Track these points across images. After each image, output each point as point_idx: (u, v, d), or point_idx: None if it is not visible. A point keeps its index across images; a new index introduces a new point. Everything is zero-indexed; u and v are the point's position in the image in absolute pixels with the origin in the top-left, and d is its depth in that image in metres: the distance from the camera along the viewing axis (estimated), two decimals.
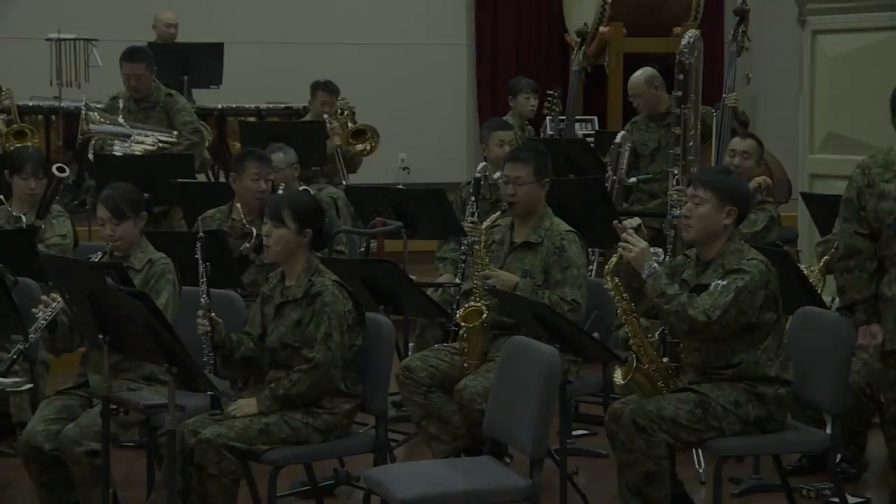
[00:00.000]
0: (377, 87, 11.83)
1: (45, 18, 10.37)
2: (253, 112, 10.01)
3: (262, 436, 4.56)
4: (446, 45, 12.40)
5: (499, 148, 6.96)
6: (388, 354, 4.82)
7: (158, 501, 4.57)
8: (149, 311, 4.09)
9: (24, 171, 6.47)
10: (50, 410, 4.91)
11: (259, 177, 6.23)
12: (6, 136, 8.84)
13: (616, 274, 4.67)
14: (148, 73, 8.01)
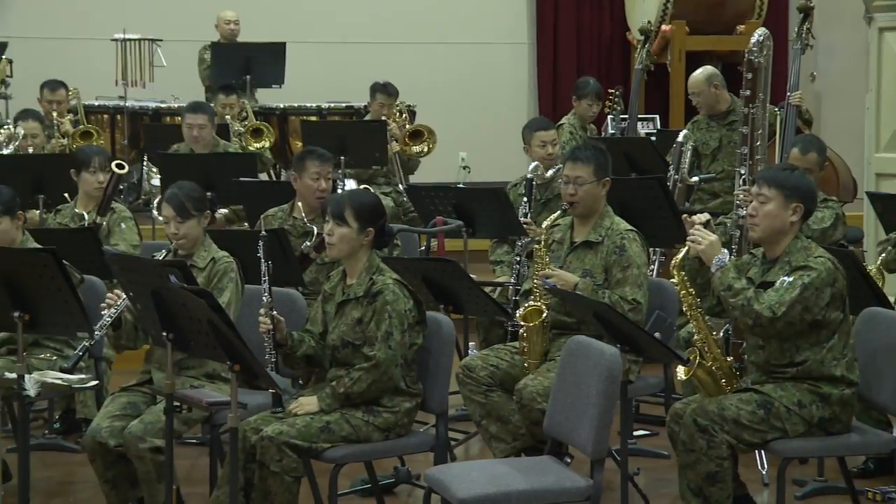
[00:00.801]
0: (438, 87, 11.85)
1: (111, 19, 10.50)
2: (314, 111, 10.06)
3: (323, 434, 4.58)
4: (507, 44, 12.39)
5: (541, 149, 6.94)
6: (449, 353, 4.82)
7: (221, 498, 4.60)
8: (212, 309, 4.12)
9: (92, 165, 6.57)
10: (115, 407, 4.97)
11: (319, 175, 6.26)
12: (73, 136, 8.95)
13: (682, 268, 4.64)
14: (210, 126, 8.09)
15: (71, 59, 10.77)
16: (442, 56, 12.14)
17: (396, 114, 9.29)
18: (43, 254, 4.62)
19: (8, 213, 5.39)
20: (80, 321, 4.70)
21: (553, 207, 6.81)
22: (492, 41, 12.28)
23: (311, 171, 6.25)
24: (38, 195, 7.19)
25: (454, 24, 12.24)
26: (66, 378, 4.97)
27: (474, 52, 12.23)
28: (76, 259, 5.46)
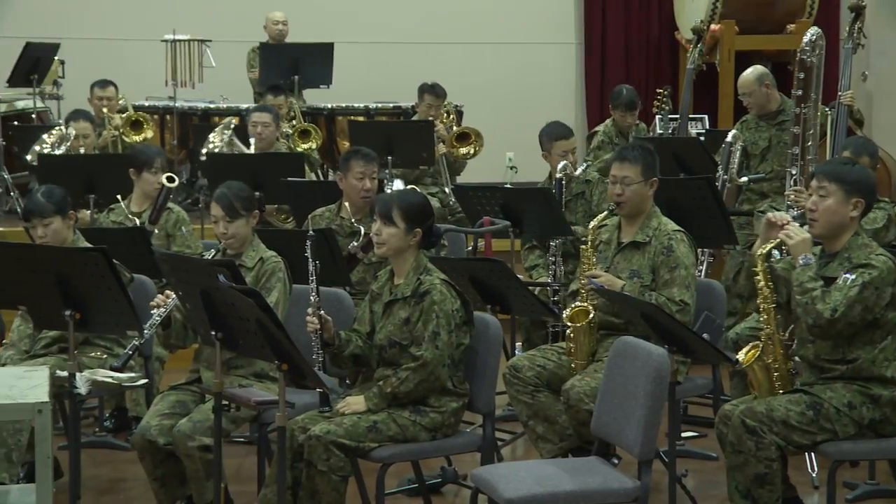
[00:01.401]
0: (485, 87, 11.86)
1: (161, 20, 10.58)
2: (362, 111, 10.09)
3: (370, 433, 4.59)
4: (555, 44, 12.36)
5: (562, 157, 6.87)
6: (496, 353, 4.81)
7: (269, 497, 4.62)
8: (260, 309, 4.14)
9: (154, 165, 6.64)
10: (164, 405, 5.01)
11: (364, 175, 6.28)
12: (123, 125, 9.01)
13: (766, 259, 4.61)
14: (274, 125, 8.24)
15: (121, 59, 10.87)
16: (489, 56, 12.15)
17: (444, 115, 9.30)
18: (94, 253, 4.66)
19: (60, 212, 5.45)
20: (130, 320, 4.73)
21: (574, 208, 6.81)
22: (539, 41, 12.26)
23: (356, 170, 6.27)
24: (89, 195, 7.27)
25: (502, 25, 12.24)
26: (116, 376, 5.02)
27: (522, 52, 12.22)
28: (126, 258, 5.51)
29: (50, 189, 5.54)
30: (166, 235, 6.65)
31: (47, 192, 5.50)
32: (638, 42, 12.33)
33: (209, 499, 4.82)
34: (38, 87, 10.21)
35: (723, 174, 7.29)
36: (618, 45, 12.30)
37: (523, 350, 6.40)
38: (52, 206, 5.43)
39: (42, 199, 5.44)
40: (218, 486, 4.65)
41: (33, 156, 7.98)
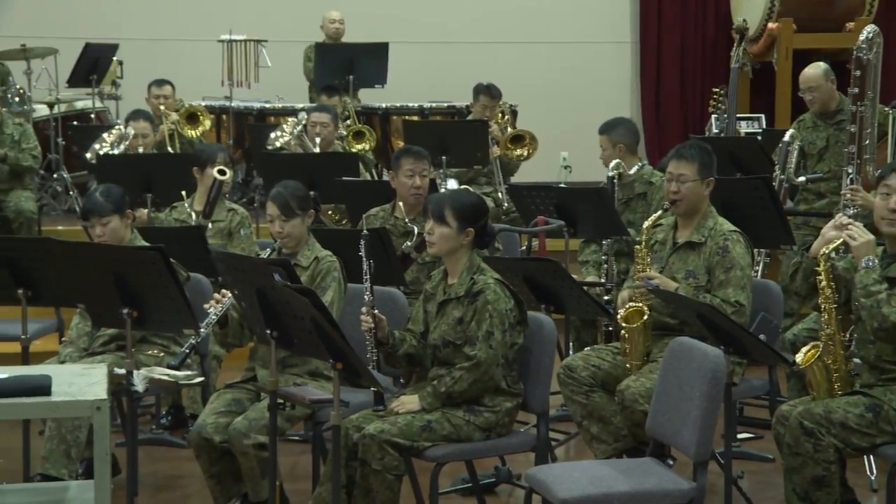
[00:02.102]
0: (540, 86, 11.84)
1: (218, 20, 10.66)
2: (416, 111, 10.10)
3: (424, 432, 4.59)
4: (611, 43, 12.32)
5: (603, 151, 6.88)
6: (550, 353, 4.80)
7: (323, 495, 4.64)
8: (315, 308, 4.16)
9: (217, 160, 6.67)
10: (220, 403, 5.04)
11: (413, 173, 6.29)
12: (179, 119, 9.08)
13: (828, 259, 4.56)
14: (333, 126, 8.34)
15: (178, 60, 10.97)
16: (544, 55, 12.12)
17: (499, 115, 9.29)
18: (151, 252, 4.69)
19: (118, 211, 5.49)
20: (187, 318, 4.77)
21: (634, 207, 6.77)
22: (595, 40, 12.22)
23: (406, 168, 6.29)
24: (147, 194, 7.33)
25: (557, 24, 12.21)
26: (172, 374, 5.05)
27: (577, 51, 12.18)
28: (183, 257, 5.55)
29: (108, 188, 5.59)
30: (228, 233, 6.69)
31: (106, 191, 5.55)
32: (694, 41, 12.26)
33: (264, 496, 4.84)
34: (97, 87, 10.32)
35: (780, 174, 7.22)
36: (673, 44, 12.23)
37: (574, 349, 6.38)
38: (110, 205, 5.47)
39: (101, 199, 5.48)
40: (273, 484, 4.67)
41: (92, 155, 8.06)
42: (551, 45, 12.14)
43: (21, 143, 8.73)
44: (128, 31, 11.22)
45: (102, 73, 10.41)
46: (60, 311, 6.64)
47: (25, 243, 5.55)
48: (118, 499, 3.99)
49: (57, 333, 6.65)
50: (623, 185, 6.72)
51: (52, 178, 9.91)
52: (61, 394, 3.74)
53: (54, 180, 9.93)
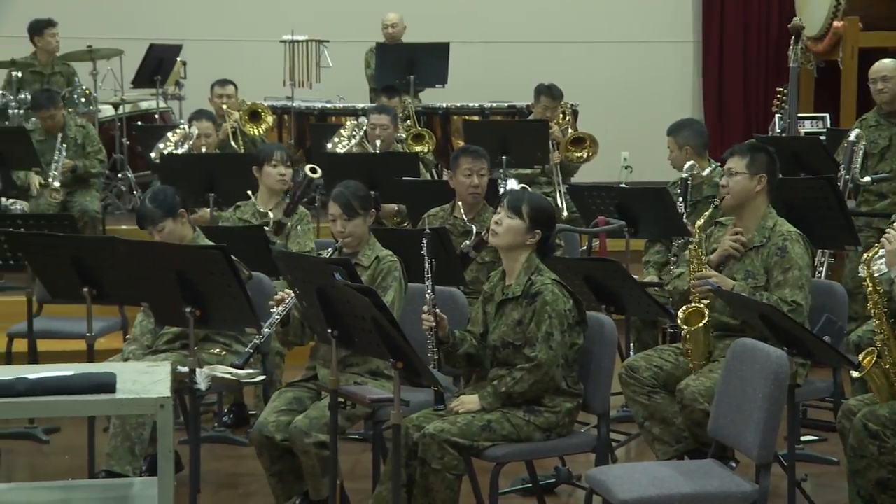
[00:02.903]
0: (601, 86, 11.80)
1: (280, 21, 10.72)
2: (477, 111, 10.10)
3: (484, 432, 4.59)
4: (673, 42, 12.25)
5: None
6: (611, 354, 4.78)
7: (383, 494, 4.65)
8: (375, 307, 4.17)
9: (274, 158, 6.71)
10: (281, 402, 5.07)
11: (472, 172, 6.30)
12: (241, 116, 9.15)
13: (869, 264, 4.51)
14: (393, 126, 8.42)
15: (241, 60, 11.05)
16: (606, 55, 12.08)
17: (560, 115, 9.27)
18: (213, 251, 4.73)
19: (169, 214, 5.48)
20: (249, 317, 4.80)
21: (702, 210, 6.71)
22: (657, 40, 12.16)
23: (464, 167, 6.31)
24: (209, 193, 7.39)
25: (619, 23, 12.17)
26: (234, 373, 5.08)
27: (639, 50, 12.13)
28: (245, 256, 5.58)
29: (155, 193, 5.56)
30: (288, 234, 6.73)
31: (154, 196, 5.52)
32: (757, 39, 12.15)
33: (325, 495, 4.86)
34: (161, 87, 10.43)
35: (845, 173, 7.13)
36: (736, 43, 12.13)
37: (634, 350, 6.35)
38: (160, 211, 5.46)
39: (150, 206, 5.47)
40: (333, 482, 4.69)
41: (157, 154, 8.14)
42: (613, 44, 12.09)
43: (85, 146, 8.81)
44: (192, 31, 11.32)
45: (166, 73, 10.52)
46: (124, 310, 6.72)
47: (91, 242, 5.62)
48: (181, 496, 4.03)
49: (121, 332, 6.73)
50: (692, 188, 6.67)
51: (116, 177, 10.02)
52: (126, 391, 3.77)
53: (119, 180, 10.04)
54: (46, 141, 8.71)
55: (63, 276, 5.38)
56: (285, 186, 6.82)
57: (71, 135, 8.78)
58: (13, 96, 9.86)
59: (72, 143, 8.77)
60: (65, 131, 8.74)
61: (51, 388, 3.73)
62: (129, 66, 10.45)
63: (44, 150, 8.63)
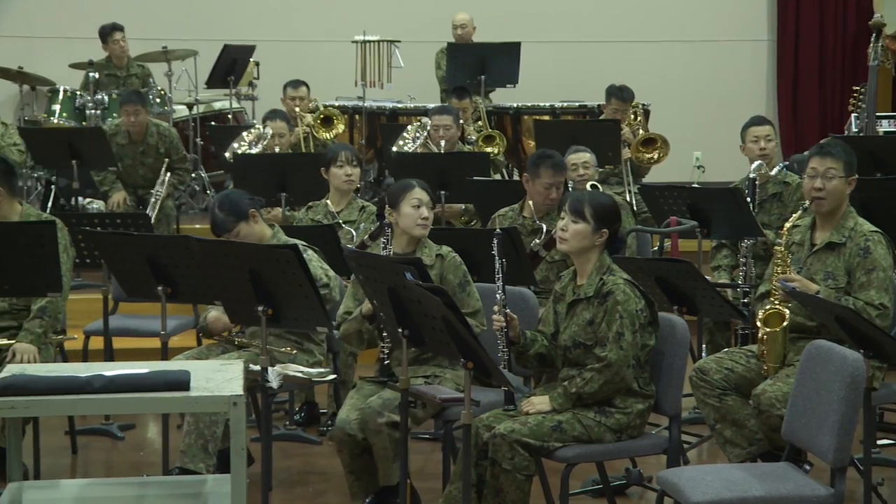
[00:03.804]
0: (673, 85, 11.72)
1: (352, 21, 10.77)
2: (548, 111, 10.06)
3: (555, 433, 4.58)
4: (747, 41, 12.14)
5: (754, 144, 6.78)
6: (683, 355, 4.74)
7: (453, 494, 4.65)
8: (446, 307, 4.17)
9: (339, 159, 6.75)
10: (359, 398, 5.09)
11: (552, 185, 6.30)
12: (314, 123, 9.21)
13: None
14: (455, 127, 8.45)
15: (313, 60, 11.12)
16: (678, 54, 11.99)
17: (631, 116, 9.22)
18: (284, 250, 4.76)
19: (241, 218, 5.48)
20: (320, 316, 4.82)
21: (768, 209, 6.65)
22: (731, 38, 12.05)
23: (545, 180, 6.30)
24: (281, 193, 7.44)
25: (692, 22, 12.07)
26: (306, 371, 5.11)
27: (712, 49, 12.03)
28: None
29: (222, 201, 5.55)
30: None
31: (221, 204, 5.52)
32: (833, 38, 11.99)
33: (394, 481, 4.89)
34: (235, 88, 10.52)
35: None
36: (812, 42, 11.98)
37: (707, 352, 6.29)
38: (231, 217, 5.47)
39: (221, 215, 5.47)
40: (404, 481, 4.70)
41: (231, 154, 8.21)
42: (686, 43, 12.00)
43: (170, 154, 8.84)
44: (265, 32, 11.41)
45: (240, 74, 10.61)
46: (198, 308, 6.78)
47: (165, 241, 5.67)
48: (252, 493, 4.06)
49: (194, 329, 6.79)
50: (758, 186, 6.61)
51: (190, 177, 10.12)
52: (199, 389, 3.81)
53: (192, 179, 10.14)
54: (128, 146, 8.77)
55: (138, 275, 5.44)
56: (352, 187, 6.85)
57: (152, 143, 8.82)
58: (90, 97, 10.00)
59: (153, 150, 8.83)
60: (146, 139, 8.77)
61: (127, 385, 3.78)
62: (203, 66, 10.56)
63: (122, 155, 8.72)
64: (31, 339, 5.52)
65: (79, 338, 6.48)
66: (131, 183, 8.85)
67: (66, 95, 10.16)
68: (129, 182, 8.84)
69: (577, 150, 7.20)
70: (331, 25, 11.45)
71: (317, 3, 11.88)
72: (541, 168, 6.31)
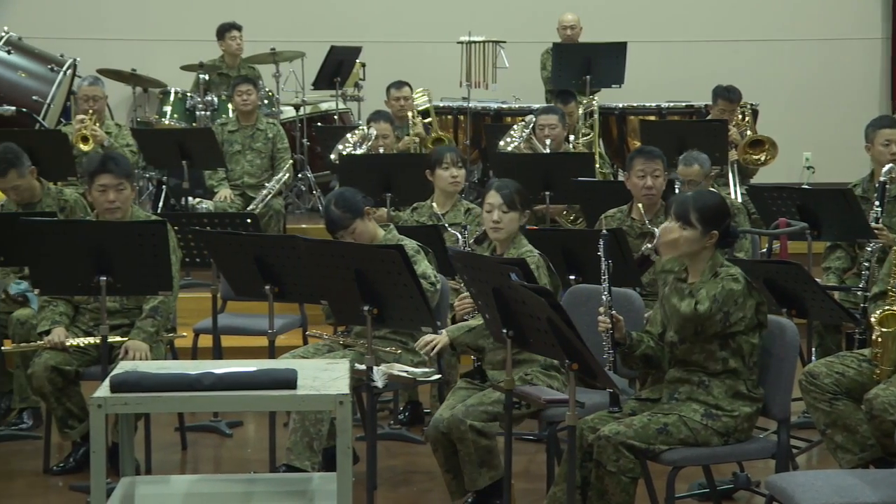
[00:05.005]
0: (782, 85, 11.55)
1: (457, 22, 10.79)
2: (654, 111, 9.98)
3: (660, 435, 4.53)
4: (859, 39, 11.91)
5: (884, 147, 6.62)
6: (792, 359, 4.67)
7: (558, 495, 4.63)
8: (551, 308, 4.16)
9: (445, 160, 6.76)
10: (456, 399, 5.11)
11: (645, 173, 6.27)
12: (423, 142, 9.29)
13: None
14: (561, 126, 8.46)
15: (418, 61, 11.17)
16: (788, 53, 11.81)
17: (738, 116, 9.10)
18: (390, 250, 4.78)
19: (357, 216, 5.53)
20: (425, 316, 4.84)
21: (891, 210, 6.50)
22: (842, 37, 11.84)
23: (637, 168, 6.30)
24: (386, 193, 7.49)
25: (802, 20, 11.89)
26: (410, 371, 5.14)
27: (823, 48, 11.82)
28: None
29: (339, 197, 5.58)
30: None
31: (339, 201, 5.55)
32: None
33: (480, 485, 4.92)
34: (341, 89, 10.61)
35: None
36: None
37: (817, 355, 6.18)
38: (349, 215, 5.51)
39: (338, 212, 5.51)
40: (508, 483, 4.70)
41: (336, 155, 8.29)
42: (795, 42, 11.81)
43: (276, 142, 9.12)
44: (371, 33, 11.49)
45: (346, 75, 10.70)
46: (304, 307, 6.86)
47: (273, 241, 5.74)
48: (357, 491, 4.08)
49: (300, 328, 6.87)
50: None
51: (296, 177, 10.23)
52: (306, 388, 3.85)
53: (299, 180, 10.25)
54: (237, 133, 9.08)
55: (246, 274, 5.52)
56: (458, 188, 6.88)
57: (262, 127, 9.11)
58: (200, 99, 10.17)
59: (262, 136, 9.08)
60: (256, 124, 9.10)
61: (235, 383, 3.83)
62: (310, 68, 10.66)
63: (231, 141, 9.01)
64: (144, 337, 5.63)
65: (188, 336, 6.59)
66: (237, 174, 9.01)
67: (177, 97, 10.35)
68: (235, 176, 9.02)
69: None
70: (436, 26, 11.48)
71: (423, 5, 11.93)
72: (634, 159, 6.36)
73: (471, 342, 5.18)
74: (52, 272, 5.34)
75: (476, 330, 5.17)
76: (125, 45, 11.31)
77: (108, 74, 10.33)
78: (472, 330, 5.18)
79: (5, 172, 6.42)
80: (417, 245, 5.57)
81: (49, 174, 6.86)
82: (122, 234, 5.30)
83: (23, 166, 6.47)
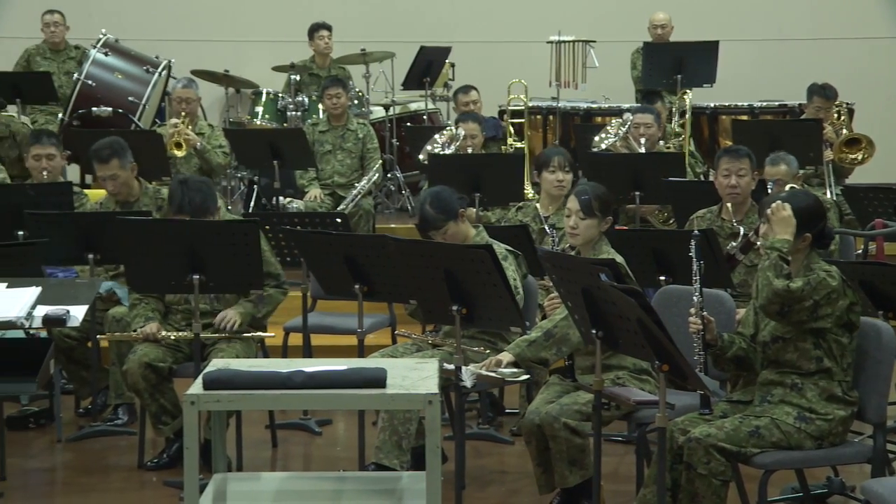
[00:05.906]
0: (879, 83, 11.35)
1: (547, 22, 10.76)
2: (746, 110, 9.87)
3: (752, 438, 4.48)
4: None
5: None
6: (889, 362, 4.58)
7: (648, 497, 4.60)
8: (641, 309, 4.13)
9: (552, 163, 6.73)
10: (550, 393, 5.11)
11: (730, 172, 6.22)
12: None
13: None
14: (656, 126, 8.43)
15: (508, 61, 11.14)
16: (886, 51, 11.59)
17: (834, 115, 8.95)
18: (480, 250, 4.78)
19: (451, 217, 5.52)
20: (514, 316, 4.83)
21: None
22: None
23: (722, 167, 6.30)
24: (475, 193, 7.49)
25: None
26: (499, 371, 5.13)
27: None
28: None
29: (433, 197, 5.56)
30: None
31: (433, 200, 5.53)
32: None
33: (571, 483, 4.92)
34: (430, 89, 10.64)
35: None
36: None
37: None
38: (442, 215, 5.49)
39: (432, 212, 5.49)
40: (597, 484, 4.67)
41: (425, 155, 8.31)
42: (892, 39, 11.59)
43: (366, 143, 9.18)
44: (460, 33, 11.51)
45: (435, 75, 10.73)
46: (393, 307, 6.88)
47: (363, 241, 5.77)
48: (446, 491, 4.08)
49: (389, 328, 6.89)
50: None
51: (386, 177, 10.28)
52: (396, 387, 3.86)
53: (388, 179, 10.30)
54: (328, 133, 9.16)
55: (336, 273, 5.55)
56: (563, 192, 6.78)
57: (352, 128, 9.19)
58: (291, 99, 10.27)
59: (352, 136, 9.15)
60: (346, 124, 9.17)
61: (325, 381, 3.85)
62: (399, 68, 10.71)
63: (322, 142, 9.09)
64: (240, 311, 5.76)
65: (278, 335, 6.64)
66: (328, 174, 9.08)
67: (268, 97, 10.46)
68: (325, 175, 9.08)
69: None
70: (526, 26, 11.46)
71: (512, 4, 11.92)
72: (721, 158, 6.33)
73: (533, 356, 5.13)
74: (147, 270, 5.43)
75: (537, 342, 5.12)
76: (218, 46, 11.46)
77: (202, 75, 10.47)
78: (533, 343, 5.13)
79: (108, 159, 6.56)
80: (506, 250, 5.55)
81: (144, 174, 6.97)
82: (214, 233, 5.37)
83: (125, 158, 6.61)
